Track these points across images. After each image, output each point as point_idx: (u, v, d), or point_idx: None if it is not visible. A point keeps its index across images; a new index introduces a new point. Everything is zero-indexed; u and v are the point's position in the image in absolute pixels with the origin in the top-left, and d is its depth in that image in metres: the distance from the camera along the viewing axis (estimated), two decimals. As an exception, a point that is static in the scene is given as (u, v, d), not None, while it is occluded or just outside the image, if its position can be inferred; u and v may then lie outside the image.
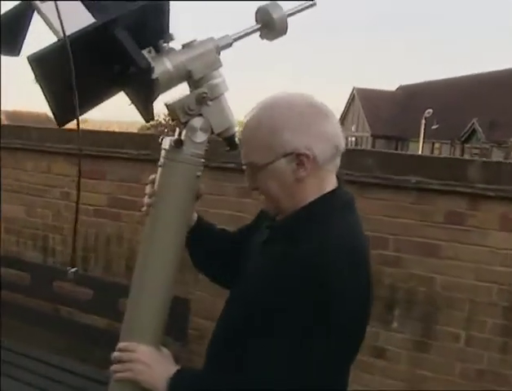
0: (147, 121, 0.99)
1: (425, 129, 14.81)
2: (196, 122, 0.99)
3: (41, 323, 2.88)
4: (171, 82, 0.96)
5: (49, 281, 2.85)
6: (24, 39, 0.97)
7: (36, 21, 0.97)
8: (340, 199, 1.03)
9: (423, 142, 14.83)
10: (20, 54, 0.98)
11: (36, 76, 0.88)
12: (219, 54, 0.99)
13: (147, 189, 1.08)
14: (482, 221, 2.22)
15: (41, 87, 0.90)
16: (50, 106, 0.92)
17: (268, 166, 0.98)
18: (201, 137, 0.99)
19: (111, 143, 2.99)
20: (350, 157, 2.44)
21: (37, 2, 0.91)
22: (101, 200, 3.10)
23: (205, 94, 0.96)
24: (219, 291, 1.24)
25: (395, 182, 2.33)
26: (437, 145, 17.71)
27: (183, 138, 1.00)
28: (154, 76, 0.91)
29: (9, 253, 3.42)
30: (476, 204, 2.23)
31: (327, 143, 0.99)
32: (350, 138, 29.09)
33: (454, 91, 18.74)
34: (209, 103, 0.98)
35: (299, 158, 0.97)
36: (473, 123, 17.24)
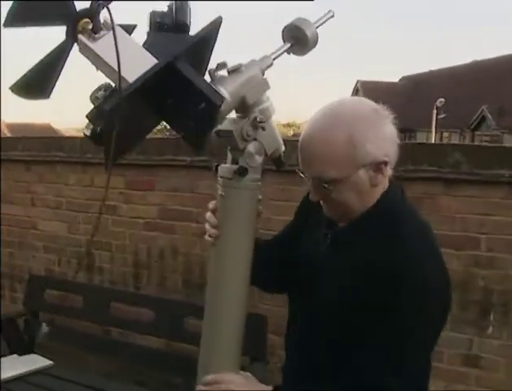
0: (199, 154, 0.92)
1: (436, 119, 14.63)
2: (253, 147, 0.99)
3: (94, 347, 2.73)
4: (227, 111, 0.95)
5: (105, 303, 2.68)
6: (56, 81, 0.92)
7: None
8: (399, 190, 1.08)
9: (435, 132, 14.66)
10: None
11: (105, 124, 0.87)
12: (264, 75, 0.99)
13: (210, 218, 1.07)
14: None
15: (103, 131, 0.88)
16: (107, 147, 0.86)
17: (347, 179, 0.98)
18: (258, 161, 1.00)
19: (160, 150, 2.81)
20: (435, 152, 2.29)
21: (87, 42, 0.89)
22: (151, 212, 2.93)
23: (261, 119, 0.96)
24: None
25: (485, 177, 2.15)
26: (446, 134, 17.55)
27: (241, 164, 0.99)
28: None
29: (52, 274, 3.26)
30: None
31: (395, 144, 1.01)
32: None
33: (459, 79, 18.55)
34: (264, 126, 0.98)
35: (378, 166, 0.99)
36: (482, 110, 17.07)
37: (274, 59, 1.01)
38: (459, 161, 2.19)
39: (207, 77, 0.94)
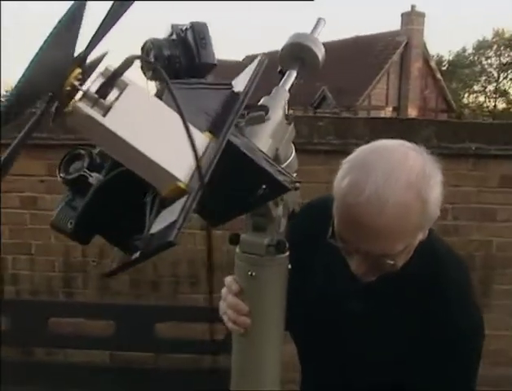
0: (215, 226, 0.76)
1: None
2: (281, 210, 0.81)
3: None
4: None
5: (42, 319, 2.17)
6: None
7: None
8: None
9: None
10: None
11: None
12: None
13: (238, 305, 0.84)
14: (532, 181, 2.33)
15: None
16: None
17: (409, 245, 0.85)
18: (284, 224, 0.82)
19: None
20: (406, 127, 2.35)
21: (94, 115, 0.55)
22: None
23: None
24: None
25: (455, 150, 2.29)
26: (290, 111, 18.73)
27: (275, 236, 0.81)
28: None
29: None
30: (526, 165, 2.32)
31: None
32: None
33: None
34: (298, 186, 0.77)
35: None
36: (323, 90, 18.57)
37: (289, 91, 0.86)
38: (430, 136, 2.29)
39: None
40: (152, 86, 0.76)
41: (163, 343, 2.18)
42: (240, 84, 0.76)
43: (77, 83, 0.55)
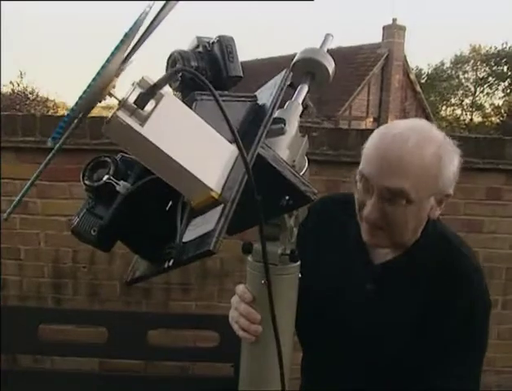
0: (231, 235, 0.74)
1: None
2: (292, 221, 0.84)
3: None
4: None
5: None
6: None
7: None
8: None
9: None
10: None
11: None
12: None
13: (251, 314, 0.86)
14: (517, 194, 2.41)
15: None
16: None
17: (419, 203, 0.92)
18: (295, 233, 0.85)
19: (94, 133, 2.33)
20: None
21: (133, 124, 0.58)
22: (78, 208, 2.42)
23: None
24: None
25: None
26: (273, 120, 18.89)
27: (288, 245, 0.83)
28: None
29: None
30: (511, 179, 2.40)
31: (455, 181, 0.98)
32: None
33: (279, 69, 20.05)
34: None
35: (444, 198, 0.97)
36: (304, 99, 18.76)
37: (302, 104, 0.89)
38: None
39: None
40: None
41: (155, 350, 2.17)
42: (264, 97, 0.79)
43: (113, 91, 0.57)
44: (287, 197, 0.71)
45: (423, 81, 24.17)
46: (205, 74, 0.80)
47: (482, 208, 2.42)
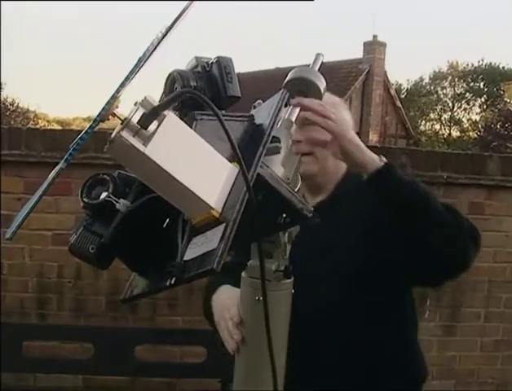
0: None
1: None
2: (286, 237, 0.84)
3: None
4: None
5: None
6: None
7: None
8: None
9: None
10: None
11: None
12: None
13: (236, 334, 0.89)
14: (497, 209, 2.47)
15: None
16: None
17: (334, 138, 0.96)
18: (289, 248, 0.85)
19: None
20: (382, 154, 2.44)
21: (136, 144, 0.59)
22: (65, 223, 2.39)
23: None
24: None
25: (427, 178, 2.40)
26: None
27: (281, 261, 0.84)
28: None
29: None
30: (492, 194, 2.47)
31: None
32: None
33: (264, 83, 20.21)
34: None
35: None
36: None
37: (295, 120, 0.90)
38: (405, 164, 2.40)
39: None
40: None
41: (142, 366, 2.14)
42: (261, 116, 0.80)
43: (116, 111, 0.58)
44: (284, 215, 0.72)
45: (403, 96, 24.62)
46: (204, 94, 0.82)
47: (464, 222, 2.47)
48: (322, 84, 0.95)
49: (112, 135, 0.58)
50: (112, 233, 0.73)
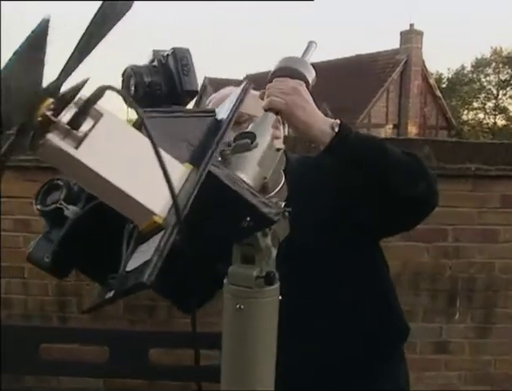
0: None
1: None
2: (270, 240, 0.76)
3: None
4: None
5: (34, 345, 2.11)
6: None
7: None
8: None
9: (283, 125, 15.66)
10: None
11: None
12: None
13: None
14: (533, 201, 2.29)
15: None
16: None
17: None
18: (274, 253, 0.77)
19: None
20: (405, 147, 2.31)
21: (65, 147, 0.52)
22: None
23: (284, 208, 0.73)
24: None
25: (454, 171, 2.25)
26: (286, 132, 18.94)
27: (265, 267, 0.75)
28: None
29: None
30: (526, 185, 2.29)
31: None
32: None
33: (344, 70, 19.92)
34: (286, 214, 0.74)
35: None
36: (324, 107, 18.72)
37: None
38: (429, 156, 2.26)
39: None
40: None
41: (157, 369, 2.12)
42: (223, 111, 0.74)
43: (49, 113, 0.52)
44: (248, 218, 0.67)
45: (444, 85, 23.84)
46: (160, 89, 0.76)
47: (497, 216, 2.30)
48: (310, 75, 0.91)
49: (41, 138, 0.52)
50: (61, 241, 0.69)
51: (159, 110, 0.72)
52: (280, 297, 0.82)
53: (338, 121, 0.91)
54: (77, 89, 0.52)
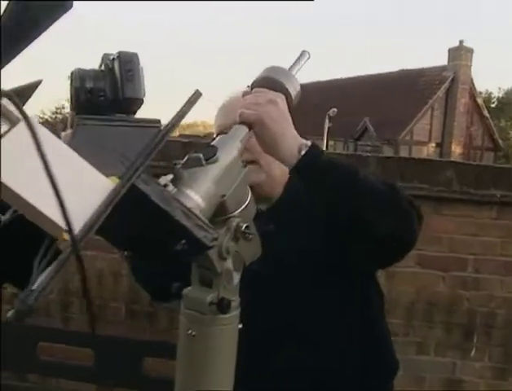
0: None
1: (329, 128, 15.37)
2: (231, 263, 0.70)
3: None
4: None
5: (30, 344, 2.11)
6: None
7: None
8: None
9: (327, 140, 15.42)
10: None
11: None
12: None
13: None
14: None
15: None
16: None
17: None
18: (236, 279, 0.72)
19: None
20: (425, 169, 2.18)
21: None
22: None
23: (246, 228, 0.69)
24: None
25: (478, 196, 2.10)
26: (331, 142, 18.68)
27: (221, 292, 0.70)
28: None
29: None
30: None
31: None
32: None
33: (345, 91, 19.75)
34: (250, 236, 0.70)
35: None
36: (364, 122, 18.36)
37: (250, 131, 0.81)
38: (451, 179, 2.11)
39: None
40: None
41: (148, 379, 2.07)
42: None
43: None
44: (183, 241, 0.60)
45: (493, 105, 22.96)
46: (103, 95, 0.70)
47: (522, 248, 2.13)
48: (294, 88, 0.84)
49: None
50: None
51: (96, 118, 0.67)
52: (241, 325, 0.75)
53: (309, 143, 0.84)
54: (31, 89, 0.49)
